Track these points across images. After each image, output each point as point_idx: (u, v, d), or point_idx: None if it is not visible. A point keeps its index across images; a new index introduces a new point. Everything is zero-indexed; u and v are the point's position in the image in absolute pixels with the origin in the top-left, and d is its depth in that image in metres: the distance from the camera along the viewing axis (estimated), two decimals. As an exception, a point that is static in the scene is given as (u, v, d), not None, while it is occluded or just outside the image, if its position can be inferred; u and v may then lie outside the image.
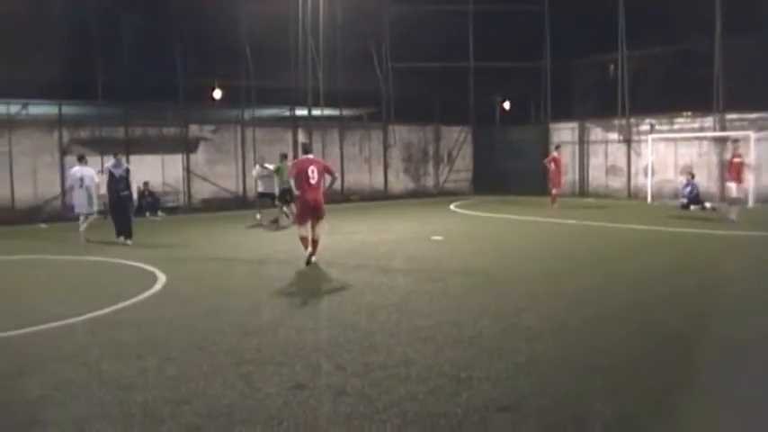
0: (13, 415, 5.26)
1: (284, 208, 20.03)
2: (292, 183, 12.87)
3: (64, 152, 25.36)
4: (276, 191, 20.67)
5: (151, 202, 25.53)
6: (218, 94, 29.13)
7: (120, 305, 9.18)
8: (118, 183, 16.43)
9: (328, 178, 12.90)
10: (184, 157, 27.24)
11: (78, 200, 16.95)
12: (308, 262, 12.30)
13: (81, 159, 17.51)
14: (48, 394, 5.70)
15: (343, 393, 5.63)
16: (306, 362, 6.48)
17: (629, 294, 9.73)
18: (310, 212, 12.53)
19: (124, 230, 16.41)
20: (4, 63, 23.88)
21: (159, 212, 25.04)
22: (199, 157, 27.67)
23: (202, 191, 27.64)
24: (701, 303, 9.14)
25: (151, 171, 25.96)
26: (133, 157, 26.26)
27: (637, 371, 6.27)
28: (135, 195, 17.24)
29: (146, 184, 25.47)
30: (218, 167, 27.88)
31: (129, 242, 16.15)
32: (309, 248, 12.43)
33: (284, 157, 21.13)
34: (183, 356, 6.75)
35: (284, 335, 7.49)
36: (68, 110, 25.84)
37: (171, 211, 25.81)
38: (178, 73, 26.69)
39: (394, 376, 6.04)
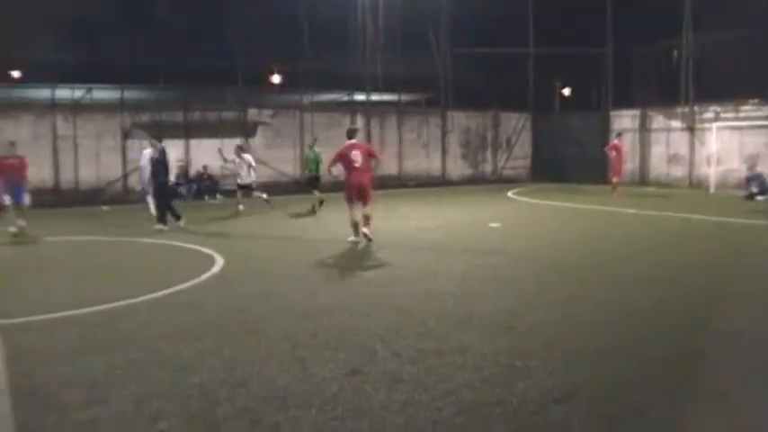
0: (79, 392, 5.38)
1: (316, 193, 19.90)
2: (333, 171, 13.72)
3: (125, 135, 25.84)
4: (249, 180, 20.81)
5: (210, 185, 25.90)
6: (276, 78, 29.31)
7: (179, 287, 9.33)
8: (156, 166, 16.32)
9: (374, 162, 13.60)
10: (245, 140, 27.50)
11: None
12: (367, 238, 12.87)
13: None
14: (110, 372, 5.83)
15: (399, 380, 5.61)
16: (361, 347, 6.49)
17: (684, 284, 9.50)
18: (356, 195, 13.04)
19: (160, 214, 16.14)
20: (70, 49, 24.42)
21: (218, 195, 25.40)
22: (257, 142, 27.89)
23: (260, 174, 27.86)
24: (764, 298, 8.87)
25: (210, 155, 26.24)
26: (192, 141, 26.69)
27: (692, 362, 6.13)
28: (172, 178, 16.92)
29: (204, 167, 25.84)
30: (276, 152, 28.08)
31: (161, 227, 15.75)
32: (363, 230, 12.96)
33: (314, 142, 21.34)
34: (239, 339, 6.82)
35: (339, 320, 7.51)
36: (130, 94, 26.35)
37: (229, 194, 26.08)
38: (237, 57, 26.89)
39: (449, 364, 6.00)
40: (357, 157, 13.04)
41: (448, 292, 8.85)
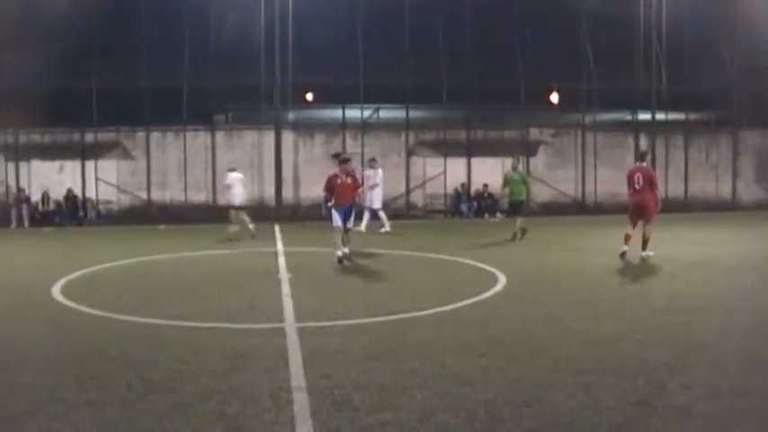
0: (369, 396, 5.61)
1: (519, 220, 18.15)
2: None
3: (410, 153, 26.94)
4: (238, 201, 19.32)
5: (490, 203, 26.19)
6: (554, 97, 29.01)
7: (464, 303, 9.47)
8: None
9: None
10: (524, 160, 27.52)
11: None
12: (643, 258, 13.41)
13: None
14: (397, 381, 6.01)
15: (689, 416, 5.21)
16: (648, 378, 6.11)
17: None
18: (637, 213, 13.79)
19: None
20: (357, 72, 25.86)
21: (498, 214, 25.58)
22: (539, 161, 27.80)
23: (541, 194, 27.75)
24: None
25: (491, 173, 26.61)
26: (474, 160, 27.19)
27: None
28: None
29: (485, 186, 26.22)
30: (557, 172, 27.80)
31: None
32: (642, 253, 13.51)
33: (518, 161, 19.57)
34: (523, 358, 6.75)
35: (626, 348, 7.15)
36: (415, 113, 27.43)
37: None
38: (519, 76, 26.96)
39: (749, 407, 5.47)
40: (639, 179, 13.67)
41: (747, 326, 8.13)
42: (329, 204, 13.87)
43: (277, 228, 17.51)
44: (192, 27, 26.07)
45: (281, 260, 14.36)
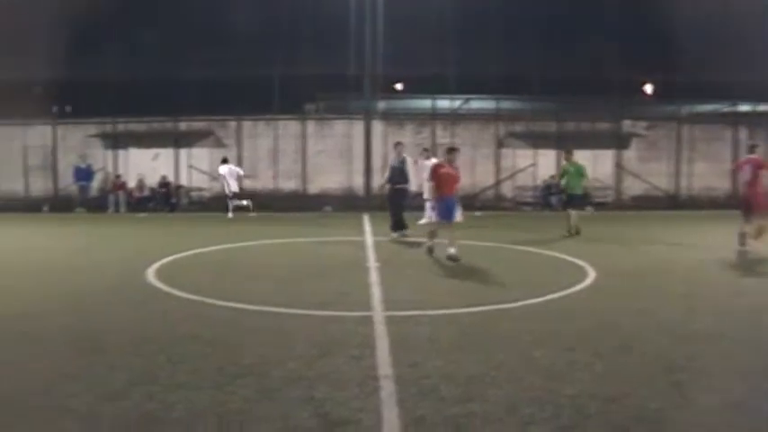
0: (455, 386, 5.63)
1: (572, 212, 17.31)
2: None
3: (500, 144, 26.73)
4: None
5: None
6: (649, 88, 28.25)
7: (553, 295, 9.39)
8: (394, 173, 16.53)
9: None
10: (616, 153, 26.97)
11: None
12: (743, 244, 13.30)
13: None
14: (484, 372, 6.02)
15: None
16: (743, 380, 5.93)
17: None
18: (747, 208, 13.53)
19: (398, 223, 16.49)
20: (449, 63, 25.79)
21: (588, 207, 25.13)
22: (631, 154, 27.18)
23: (633, 188, 27.15)
24: None
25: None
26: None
27: None
28: (413, 187, 17.11)
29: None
30: (650, 165, 27.11)
31: (406, 232, 16.36)
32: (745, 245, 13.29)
33: (569, 154, 18.20)
34: (611, 354, 6.64)
35: (720, 346, 6.97)
36: (505, 104, 27.19)
37: (599, 206, 25.76)
38: (612, 67, 26.32)
39: None
40: (747, 170, 13.56)
41: None
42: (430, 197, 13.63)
43: (366, 217, 17.60)
44: (285, 17, 26.46)
45: (370, 249, 14.48)
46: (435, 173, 13.16)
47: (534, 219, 20.57)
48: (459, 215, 13.53)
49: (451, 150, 13.58)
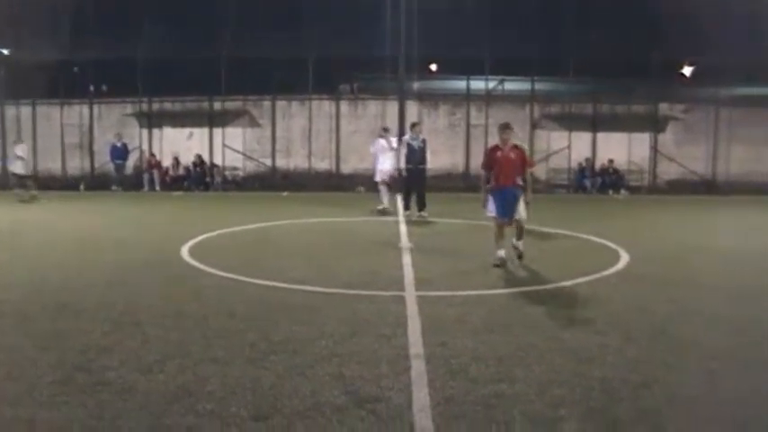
0: (486, 367, 5.67)
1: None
2: None
3: (534, 126, 26.56)
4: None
5: (615, 179, 25.55)
6: (687, 70, 27.78)
7: (584, 279, 9.34)
8: (415, 154, 16.67)
9: None
10: (652, 136, 26.65)
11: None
12: None
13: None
14: (514, 353, 6.04)
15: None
16: (784, 370, 5.87)
17: None
18: None
19: (420, 203, 16.83)
20: (483, 44, 25.60)
21: (622, 191, 24.97)
22: (667, 137, 26.84)
23: (668, 172, 26.82)
24: None
25: (617, 149, 25.99)
26: (600, 134, 26.53)
27: None
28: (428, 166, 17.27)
29: (610, 161, 25.58)
30: (686, 148, 26.73)
31: (424, 214, 16.59)
32: None
33: None
34: (643, 339, 6.61)
35: (757, 336, 6.86)
36: (540, 86, 26.96)
37: (634, 190, 25.53)
38: (649, 48, 25.85)
39: None
40: None
41: None
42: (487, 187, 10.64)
43: (399, 198, 17.63)
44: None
45: (403, 230, 14.50)
46: (490, 159, 10.59)
47: (568, 201, 20.39)
48: (522, 210, 10.49)
49: (504, 128, 10.59)
